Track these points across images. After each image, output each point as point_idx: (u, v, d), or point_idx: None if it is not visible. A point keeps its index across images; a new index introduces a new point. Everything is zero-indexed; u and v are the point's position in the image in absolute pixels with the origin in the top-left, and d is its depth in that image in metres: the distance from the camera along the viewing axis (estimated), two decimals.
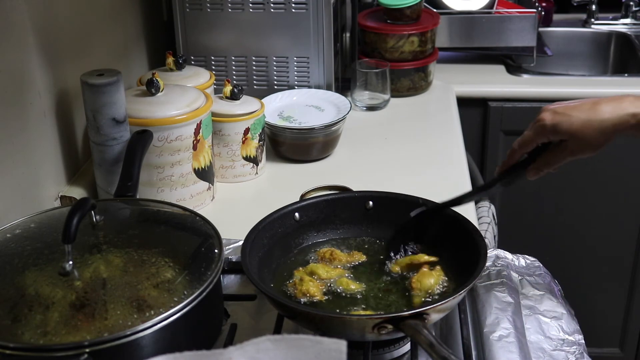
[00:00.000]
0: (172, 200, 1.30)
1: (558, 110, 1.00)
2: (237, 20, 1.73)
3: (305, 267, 1.08)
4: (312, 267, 1.07)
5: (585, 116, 0.98)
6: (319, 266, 1.07)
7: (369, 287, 1.05)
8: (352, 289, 1.04)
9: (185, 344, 0.87)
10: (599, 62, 2.53)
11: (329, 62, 1.74)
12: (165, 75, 1.51)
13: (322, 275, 1.06)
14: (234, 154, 1.49)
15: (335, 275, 1.06)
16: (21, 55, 1.21)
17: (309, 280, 1.03)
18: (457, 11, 2.15)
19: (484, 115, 2.07)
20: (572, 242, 2.18)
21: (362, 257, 1.11)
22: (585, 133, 0.98)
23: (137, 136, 1.25)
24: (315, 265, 1.08)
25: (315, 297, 1.02)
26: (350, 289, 1.04)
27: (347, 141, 1.67)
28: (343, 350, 0.73)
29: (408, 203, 1.15)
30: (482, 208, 1.81)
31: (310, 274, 1.06)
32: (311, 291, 1.02)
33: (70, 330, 0.85)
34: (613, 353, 2.30)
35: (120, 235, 1.02)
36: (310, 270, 1.06)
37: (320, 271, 1.06)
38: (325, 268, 1.07)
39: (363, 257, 1.11)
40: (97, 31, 1.50)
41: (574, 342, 1.02)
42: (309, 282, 1.03)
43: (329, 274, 1.06)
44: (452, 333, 1.06)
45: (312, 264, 1.09)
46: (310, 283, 1.03)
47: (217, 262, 0.97)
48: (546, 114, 1.00)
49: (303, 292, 1.02)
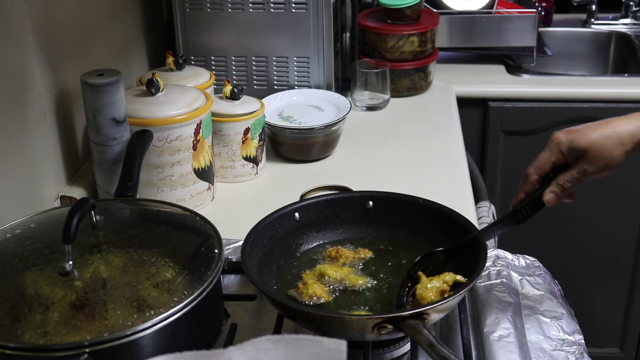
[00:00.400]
0: (172, 200, 1.30)
1: (571, 129, 0.98)
2: (237, 20, 1.73)
3: (314, 270, 1.07)
4: (320, 269, 1.07)
5: (601, 130, 0.96)
6: (327, 267, 1.07)
7: (379, 282, 1.06)
8: (360, 283, 1.05)
9: (185, 344, 0.87)
10: (599, 62, 2.53)
11: (329, 62, 1.74)
12: (165, 75, 1.51)
13: (332, 275, 1.05)
14: (234, 154, 1.49)
15: (344, 273, 1.06)
16: (21, 55, 1.21)
17: (313, 283, 1.03)
18: (457, 11, 2.15)
19: (484, 115, 2.08)
20: (572, 242, 2.18)
21: (368, 253, 1.12)
22: (604, 145, 0.96)
23: (137, 136, 1.25)
24: (323, 266, 1.07)
25: (322, 298, 1.02)
26: (358, 284, 1.05)
27: (347, 141, 1.67)
28: (343, 350, 0.73)
29: (408, 203, 1.15)
30: (482, 208, 1.81)
31: (319, 275, 1.06)
32: (318, 293, 1.02)
33: (70, 330, 0.85)
34: (613, 353, 2.30)
35: (120, 235, 1.02)
36: (319, 272, 1.06)
37: (329, 272, 1.06)
38: (333, 268, 1.07)
39: (369, 254, 1.12)
40: (97, 31, 1.50)
41: (574, 342, 1.02)
42: (314, 284, 1.03)
43: (338, 273, 1.06)
44: (452, 333, 1.06)
45: (320, 265, 1.08)
46: (315, 285, 1.03)
47: (217, 262, 0.97)
48: (560, 133, 0.99)
49: (310, 295, 1.02)
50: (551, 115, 2.05)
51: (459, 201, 1.38)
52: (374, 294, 1.04)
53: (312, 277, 1.06)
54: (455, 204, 1.17)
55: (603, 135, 0.96)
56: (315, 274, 1.06)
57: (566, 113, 2.04)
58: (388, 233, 1.15)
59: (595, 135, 0.96)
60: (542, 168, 1.00)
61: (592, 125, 0.98)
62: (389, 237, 1.15)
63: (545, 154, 1.00)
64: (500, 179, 2.13)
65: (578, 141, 0.97)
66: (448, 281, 1.00)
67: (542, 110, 2.05)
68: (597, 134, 0.96)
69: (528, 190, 1.02)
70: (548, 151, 1.00)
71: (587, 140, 0.96)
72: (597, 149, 0.96)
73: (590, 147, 0.96)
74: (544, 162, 1.00)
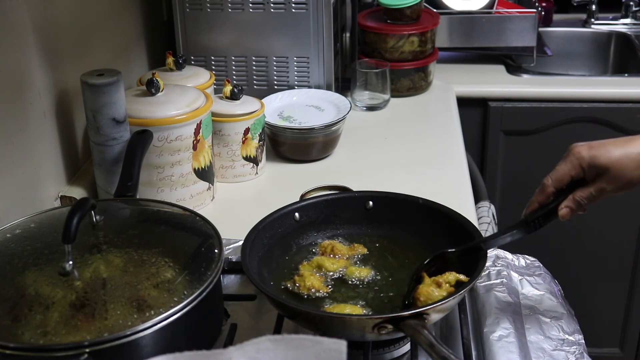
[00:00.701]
0: (172, 200, 1.30)
1: (593, 145, 0.96)
2: (237, 20, 1.73)
3: (311, 261, 1.09)
4: (317, 260, 1.08)
5: (623, 149, 0.94)
6: (325, 259, 1.09)
7: (376, 275, 1.07)
8: (358, 275, 1.06)
9: (185, 344, 0.87)
10: (599, 62, 2.53)
11: (329, 62, 1.74)
12: (165, 75, 1.51)
13: (329, 267, 1.07)
14: (234, 154, 1.49)
15: (341, 266, 1.08)
16: (21, 55, 1.21)
17: (310, 275, 1.04)
18: (457, 11, 2.15)
19: (484, 115, 2.08)
20: (572, 242, 2.18)
21: (363, 250, 1.12)
22: (624, 164, 0.93)
23: (137, 136, 1.25)
24: (320, 258, 1.09)
25: (320, 290, 1.03)
26: (356, 275, 1.06)
27: (347, 141, 1.67)
28: (343, 350, 0.73)
29: (408, 203, 1.15)
30: (482, 208, 1.82)
31: (317, 267, 1.07)
32: (316, 285, 1.03)
33: (70, 330, 0.85)
34: (613, 353, 2.30)
35: (120, 235, 1.02)
36: (316, 264, 1.08)
37: (326, 264, 1.07)
38: (330, 260, 1.08)
39: (365, 250, 1.12)
40: (97, 31, 1.50)
41: (574, 342, 1.02)
42: (311, 276, 1.04)
43: (334, 265, 1.08)
44: (452, 333, 1.06)
45: (317, 257, 1.10)
46: (312, 277, 1.03)
47: (217, 262, 0.97)
48: (581, 147, 0.96)
49: (307, 288, 1.03)
50: (551, 115, 2.05)
51: (459, 201, 1.38)
52: (371, 288, 1.05)
53: (309, 268, 1.07)
54: (455, 204, 1.17)
55: (625, 154, 0.94)
56: (313, 266, 1.07)
57: (566, 113, 2.04)
58: (388, 233, 1.15)
59: (617, 153, 0.94)
60: (561, 181, 0.98)
61: (613, 142, 0.96)
62: (389, 237, 1.15)
63: (566, 167, 0.97)
64: (500, 179, 2.13)
65: (600, 158, 0.94)
66: (451, 281, 1.00)
67: (542, 110, 2.05)
68: (619, 152, 0.94)
69: (543, 201, 1.00)
70: (568, 164, 0.97)
71: (609, 158, 0.94)
72: (618, 168, 0.94)
73: (611, 166, 0.94)
74: (563, 175, 0.97)
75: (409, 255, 1.11)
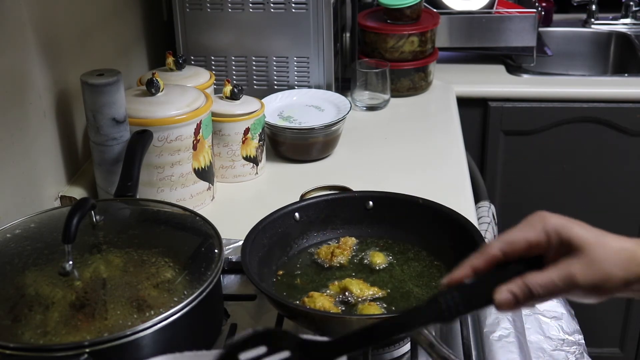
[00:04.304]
0: (172, 200, 1.30)
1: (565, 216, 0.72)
2: (237, 20, 1.73)
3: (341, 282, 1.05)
4: (346, 283, 1.04)
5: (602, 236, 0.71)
6: (353, 282, 1.04)
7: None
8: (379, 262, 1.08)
9: (185, 344, 0.87)
10: (599, 62, 2.53)
11: (329, 62, 1.74)
12: (165, 75, 1.51)
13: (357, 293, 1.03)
14: (234, 154, 1.49)
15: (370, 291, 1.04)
16: (21, 55, 1.21)
17: (319, 296, 1.01)
18: (457, 11, 2.15)
19: (484, 115, 2.08)
20: None
21: (354, 241, 1.14)
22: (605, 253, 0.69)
23: (137, 136, 1.25)
24: (349, 280, 1.05)
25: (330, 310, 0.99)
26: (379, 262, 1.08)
27: (347, 141, 1.67)
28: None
29: (408, 203, 1.15)
30: (482, 208, 1.81)
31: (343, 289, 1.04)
32: (326, 306, 0.99)
33: (70, 330, 0.85)
34: (613, 353, 2.30)
35: (120, 235, 1.02)
36: (344, 286, 1.04)
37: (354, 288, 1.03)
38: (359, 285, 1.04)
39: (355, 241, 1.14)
40: (97, 31, 1.50)
41: (574, 342, 1.02)
42: (320, 297, 1.01)
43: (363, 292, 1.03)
44: (452, 333, 1.06)
45: (348, 279, 1.05)
46: (321, 298, 1.00)
47: (217, 262, 0.97)
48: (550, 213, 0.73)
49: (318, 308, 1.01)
50: (551, 115, 2.05)
51: (459, 201, 1.38)
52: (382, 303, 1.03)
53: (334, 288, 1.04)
54: (455, 204, 1.17)
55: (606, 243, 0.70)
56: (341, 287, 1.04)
57: (566, 113, 2.04)
58: (388, 233, 1.15)
59: (596, 235, 0.70)
60: (512, 244, 0.71)
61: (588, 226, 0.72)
62: (389, 237, 1.15)
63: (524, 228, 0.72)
64: (500, 179, 2.13)
65: (574, 229, 0.70)
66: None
67: (542, 110, 2.05)
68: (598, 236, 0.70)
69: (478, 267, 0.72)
70: (527, 226, 0.72)
71: (585, 234, 0.70)
72: (597, 252, 0.69)
73: (588, 245, 0.69)
74: (518, 238, 0.71)
75: (409, 256, 1.11)
